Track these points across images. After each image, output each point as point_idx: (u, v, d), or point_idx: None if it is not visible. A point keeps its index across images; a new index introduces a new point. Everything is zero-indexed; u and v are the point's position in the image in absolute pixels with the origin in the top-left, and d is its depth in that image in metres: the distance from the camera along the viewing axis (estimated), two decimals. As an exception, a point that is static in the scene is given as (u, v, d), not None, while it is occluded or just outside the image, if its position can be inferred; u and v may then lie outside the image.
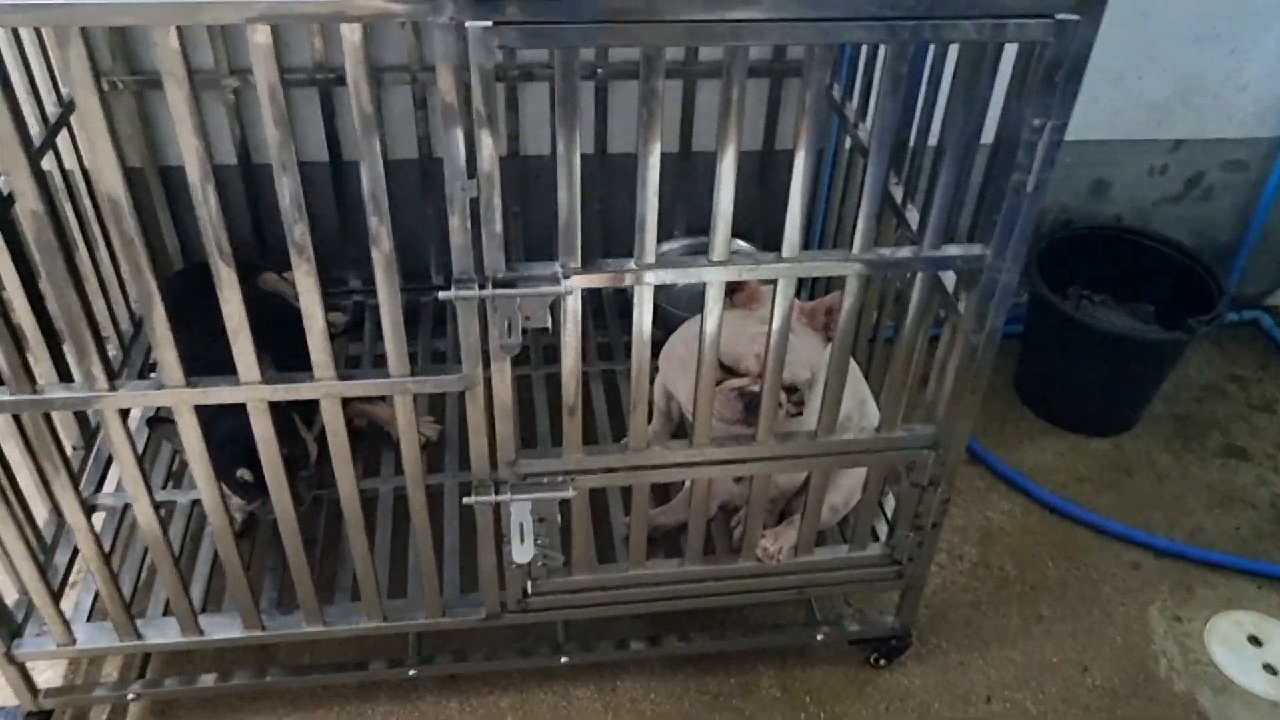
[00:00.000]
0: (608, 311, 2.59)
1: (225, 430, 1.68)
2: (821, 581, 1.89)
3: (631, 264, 1.39)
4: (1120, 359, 2.50)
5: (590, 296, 1.76)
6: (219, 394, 1.44)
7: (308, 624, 1.80)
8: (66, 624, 1.75)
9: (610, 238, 2.55)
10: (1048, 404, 2.67)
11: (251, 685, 1.91)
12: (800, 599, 2.07)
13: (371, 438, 2.25)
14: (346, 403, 2.08)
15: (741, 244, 2.51)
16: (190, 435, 1.48)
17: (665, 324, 2.21)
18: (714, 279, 1.42)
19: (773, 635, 2.03)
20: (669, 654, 2.02)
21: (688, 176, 2.51)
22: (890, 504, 1.97)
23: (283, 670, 1.92)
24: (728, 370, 1.68)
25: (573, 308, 1.40)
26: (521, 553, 1.63)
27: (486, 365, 1.45)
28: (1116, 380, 2.53)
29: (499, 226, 1.30)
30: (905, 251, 1.47)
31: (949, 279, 1.57)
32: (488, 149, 1.23)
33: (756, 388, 1.62)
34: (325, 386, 1.46)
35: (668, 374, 1.95)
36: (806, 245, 1.42)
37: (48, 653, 1.78)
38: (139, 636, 1.78)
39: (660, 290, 1.47)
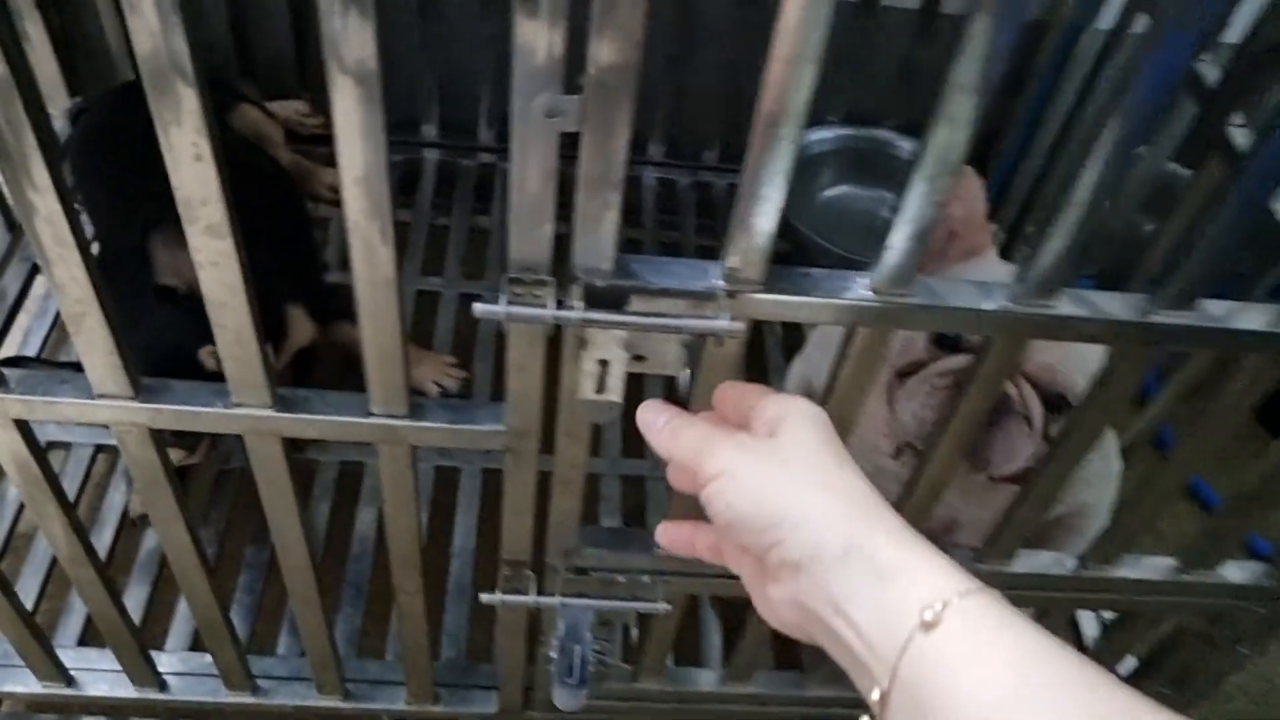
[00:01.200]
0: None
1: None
2: None
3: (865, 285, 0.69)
4: None
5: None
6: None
7: (228, 689, 1.19)
8: None
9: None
10: None
11: (152, 740, 1.32)
12: None
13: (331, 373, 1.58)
14: (333, 326, 1.46)
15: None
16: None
17: (808, 258, 1.52)
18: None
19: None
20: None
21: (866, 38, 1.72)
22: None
23: (198, 727, 1.32)
24: (940, 348, 0.99)
25: (730, 353, 0.72)
26: (567, 696, 0.99)
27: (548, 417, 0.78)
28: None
29: (620, 157, 0.61)
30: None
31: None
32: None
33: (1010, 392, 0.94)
34: (250, 418, 0.79)
35: (817, 361, 1.25)
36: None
37: None
38: (-30, 676, 1.18)
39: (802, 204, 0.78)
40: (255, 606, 1.33)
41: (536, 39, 0.54)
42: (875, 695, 0.47)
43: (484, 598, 0.96)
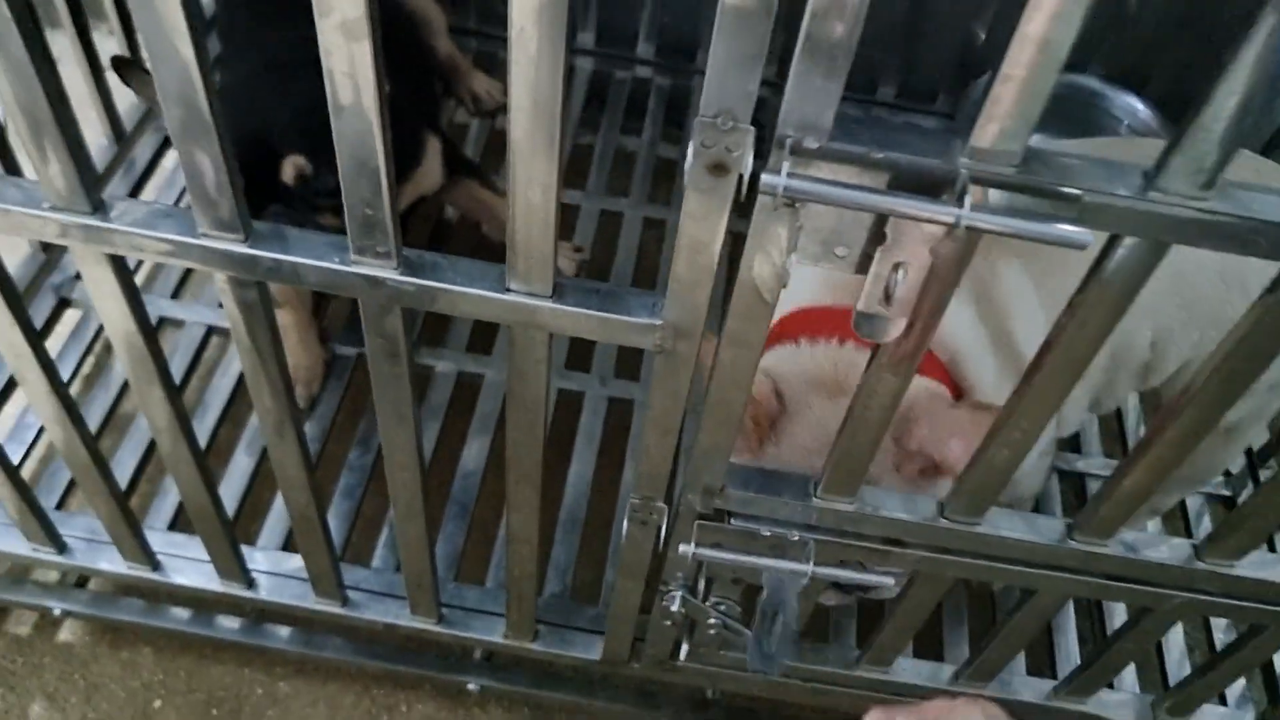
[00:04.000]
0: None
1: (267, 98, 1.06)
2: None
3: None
4: None
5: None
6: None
7: (319, 598, 1.10)
8: (-46, 508, 1.09)
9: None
10: None
11: (237, 640, 1.24)
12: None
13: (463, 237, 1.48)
14: (460, 182, 1.35)
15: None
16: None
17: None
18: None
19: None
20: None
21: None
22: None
23: (288, 634, 1.24)
24: None
25: (955, 254, 0.57)
26: (761, 661, 0.84)
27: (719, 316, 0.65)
28: None
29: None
30: None
31: None
32: None
33: None
34: (369, 280, 0.67)
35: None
36: None
37: (-74, 537, 1.13)
38: (62, 550, 1.11)
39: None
40: (353, 513, 1.24)
41: None
42: None
43: (626, 524, 0.83)
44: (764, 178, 0.53)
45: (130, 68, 1.07)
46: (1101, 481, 1.33)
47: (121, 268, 0.72)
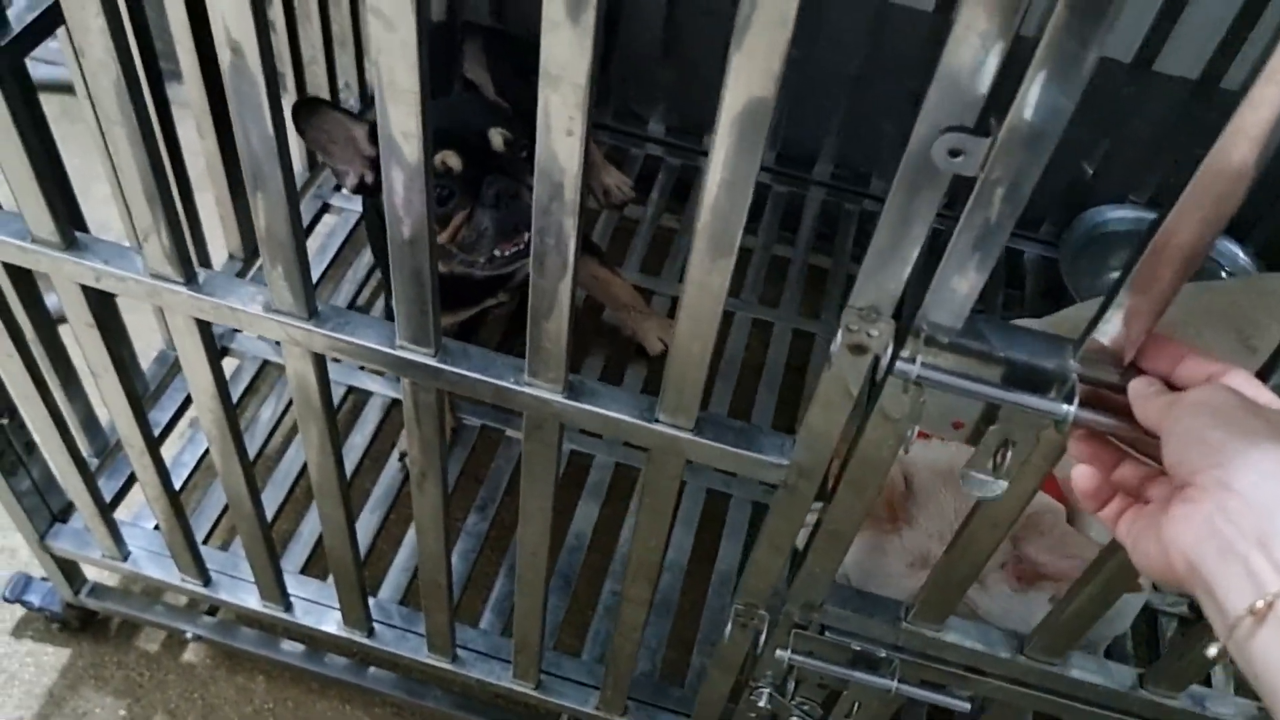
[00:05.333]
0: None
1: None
2: None
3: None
4: None
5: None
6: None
7: (431, 652, 1.20)
8: (117, 535, 1.22)
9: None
10: None
11: (344, 679, 1.34)
12: None
13: (586, 327, 1.59)
14: (583, 259, 1.45)
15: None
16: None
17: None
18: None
19: None
20: None
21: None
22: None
23: (392, 680, 1.34)
24: None
25: (1055, 444, 0.65)
26: None
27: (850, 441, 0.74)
28: None
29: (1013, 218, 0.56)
30: None
31: None
32: None
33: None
34: (538, 400, 0.78)
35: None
36: None
37: (87, 558, 1.26)
38: (206, 582, 1.23)
39: (1092, 283, 0.70)
40: (466, 575, 1.34)
41: (964, 62, 0.50)
42: (1260, 603, 0.48)
43: (728, 629, 0.92)
44: (899, 364, 0.62)
45: (319, 108, 1.16)
46: (1175, 620, 1.38)
47: (320, 363, 0.84)
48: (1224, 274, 1.64)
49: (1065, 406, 0.61)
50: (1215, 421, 0.54)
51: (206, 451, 1.37)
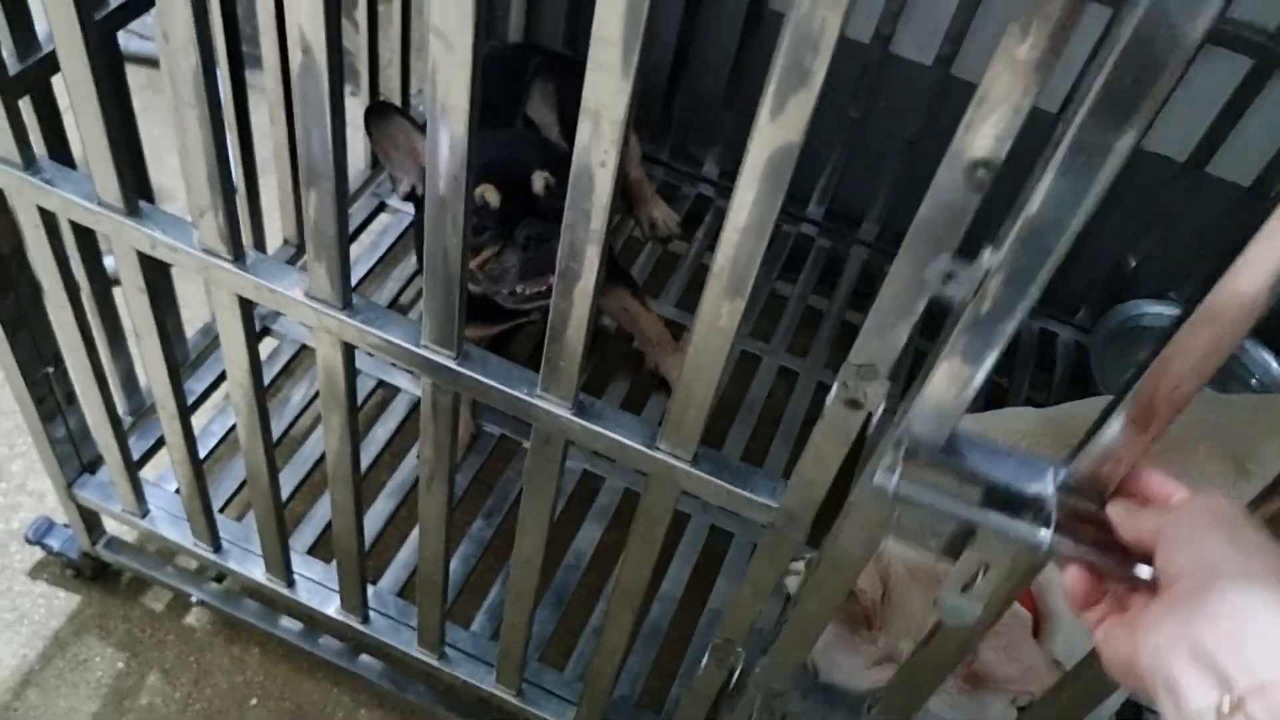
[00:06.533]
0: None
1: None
2: None
3: None
4: None
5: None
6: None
7: (420, 647, 1.23)
8: (140, 493, 1.27)
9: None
10: None
11: (335, 662, 1.38)
12: None
13: (614, 354, 1.62)
14: (611, 288, 1.48)
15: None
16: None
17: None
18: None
19: None
20: None
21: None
22: None
23: (380, 669, 1.37)
24: None
25: (1029, 568, 0.67)
26: None
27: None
28: None
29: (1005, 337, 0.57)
30: None
31: None
32: None
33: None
34: (550, 415, 0.81)
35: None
36: None
37: (109, 511, 1.31)
38: (217, 549, 1.27)
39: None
40: (464, 578, 1.37)
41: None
42: (1226, 703, 0.48)
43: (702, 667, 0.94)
44: (876, 478, 0.63)
45: (390, 114, 1.20)
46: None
47: (349, 353, 0.88)
48: (1254, 382, 1.64)
49: (1043, 531, 0.60)
50: (1213, 524, 0.55)
51: (234, 425, 1.42)
